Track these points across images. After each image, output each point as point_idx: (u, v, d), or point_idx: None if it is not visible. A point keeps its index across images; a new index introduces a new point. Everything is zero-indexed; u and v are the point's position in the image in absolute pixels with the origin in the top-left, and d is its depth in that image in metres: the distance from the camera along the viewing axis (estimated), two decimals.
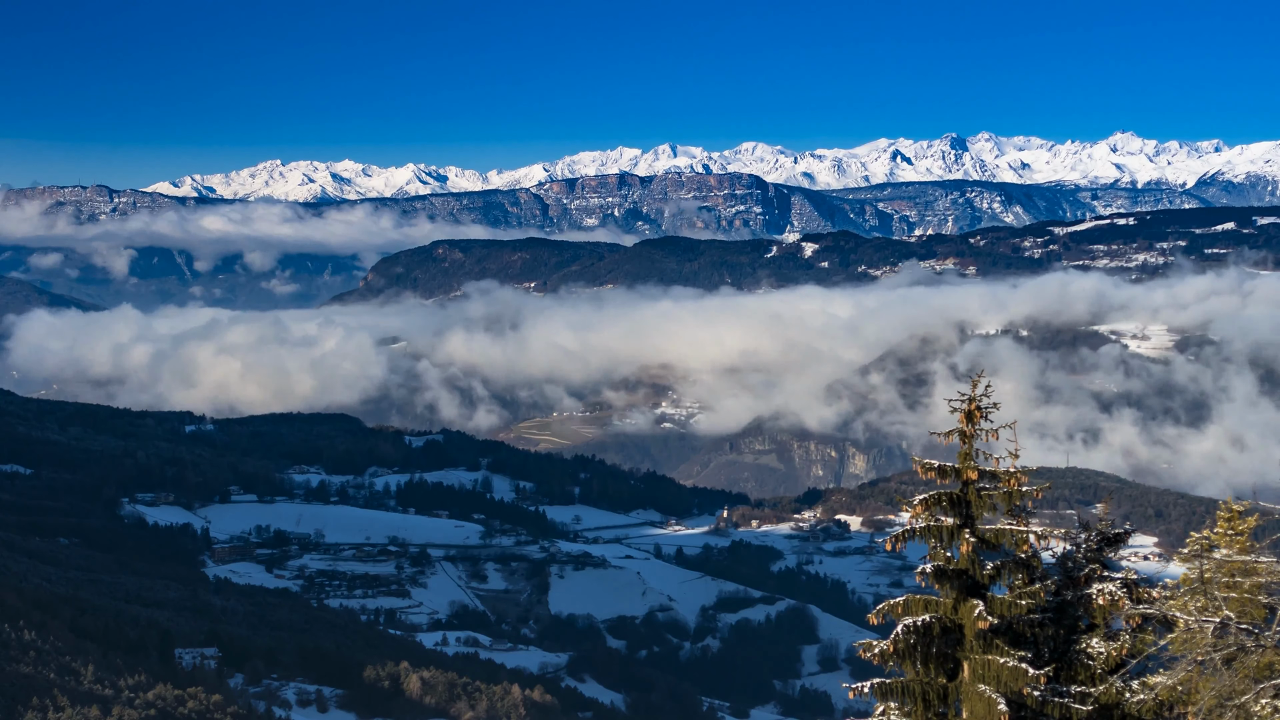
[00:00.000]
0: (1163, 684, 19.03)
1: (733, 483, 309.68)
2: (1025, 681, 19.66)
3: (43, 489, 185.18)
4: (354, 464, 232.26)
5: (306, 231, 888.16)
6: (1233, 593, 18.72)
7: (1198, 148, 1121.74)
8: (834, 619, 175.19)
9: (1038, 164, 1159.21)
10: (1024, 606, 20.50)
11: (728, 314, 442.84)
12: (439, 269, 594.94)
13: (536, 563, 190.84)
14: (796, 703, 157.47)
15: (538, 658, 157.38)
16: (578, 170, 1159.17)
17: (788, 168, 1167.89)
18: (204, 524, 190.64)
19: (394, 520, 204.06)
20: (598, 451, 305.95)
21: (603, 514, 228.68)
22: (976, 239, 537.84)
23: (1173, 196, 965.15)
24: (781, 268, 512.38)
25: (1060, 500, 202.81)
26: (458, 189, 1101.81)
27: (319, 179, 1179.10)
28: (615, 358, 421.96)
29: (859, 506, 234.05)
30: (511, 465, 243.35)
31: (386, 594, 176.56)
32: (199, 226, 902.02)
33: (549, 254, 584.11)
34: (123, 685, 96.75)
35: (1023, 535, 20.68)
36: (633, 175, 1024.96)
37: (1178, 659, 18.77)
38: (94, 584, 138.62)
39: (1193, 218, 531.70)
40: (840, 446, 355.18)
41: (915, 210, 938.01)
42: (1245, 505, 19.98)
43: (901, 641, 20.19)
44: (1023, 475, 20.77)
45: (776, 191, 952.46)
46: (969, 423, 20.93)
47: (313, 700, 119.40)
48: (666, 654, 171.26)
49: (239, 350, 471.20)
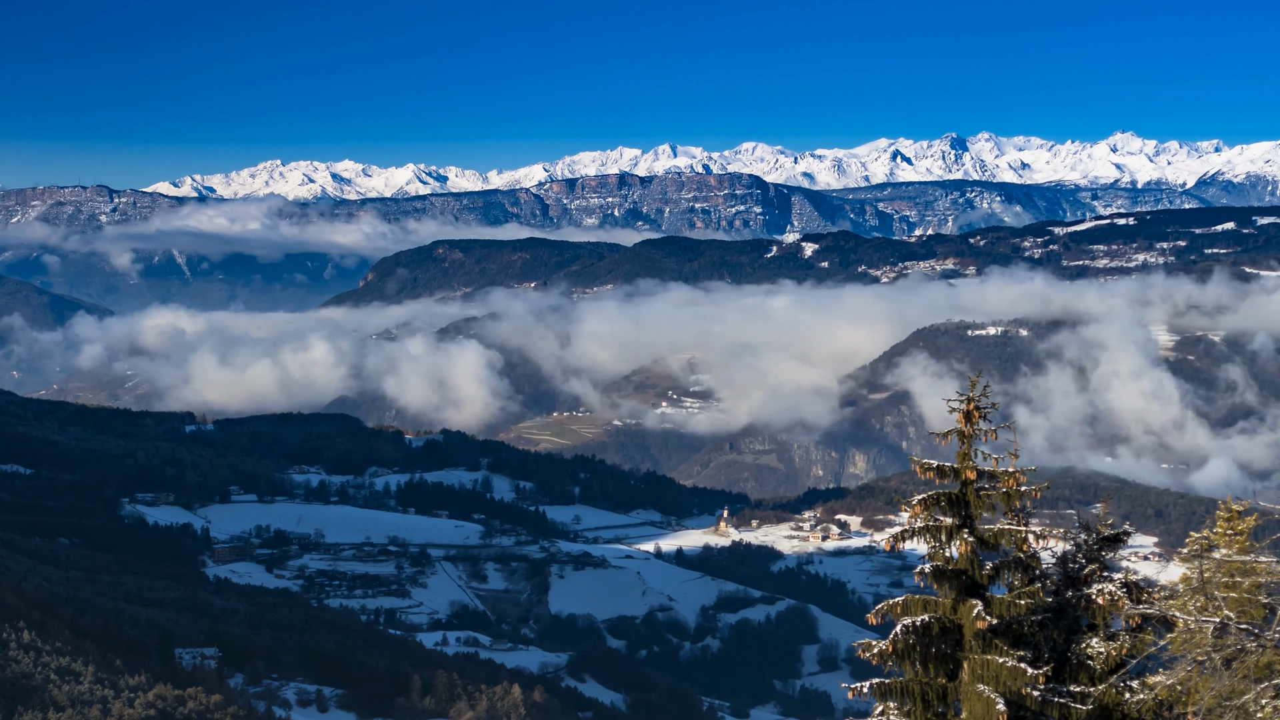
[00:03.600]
0: (1162, 684, 19.00)
1: (733, 483, 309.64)
2: (1024, 681, 19.64)
3: (43, 489, 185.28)
4: (354, 464, 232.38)
5: (307, 232, 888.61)
6: (1232, 593, 18.70)
7: (1198, 148, 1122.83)
8: (834, 619, 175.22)
9: (1038, 164, 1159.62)
10: (1023, 606, 20.48)
11: (728, 314, 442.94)
12: (439, 269, 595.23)
13: (536, 563, 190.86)
14: (796, 703, 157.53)
15: (538, 658, 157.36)
16: (578, 170, 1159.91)
17: (788, 168, 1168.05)
18: (204, 524, 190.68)
19: (394, 520, 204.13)
20: (598, 451, 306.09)
21: (603, 514, 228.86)
22: (976, 239, 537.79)
23: (1173, 196, 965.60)
24: (781, 268, 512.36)
25: (1060, 500, 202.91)
26: (458, 189, 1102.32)
27: (319, 179, 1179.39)
28: (615, 357, 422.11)
29: (859, 506, 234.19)
30: (511, 465, 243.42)
31: (386, 594, 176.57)
32: (199, 227, 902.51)
33: (549, 254, 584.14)
34: (123, 685, 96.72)
35: (1021, 535, 20.67)
36: (633, 175, 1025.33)
37: (1177, 659, 18.75)
38: (94, 584, 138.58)
39: (1193, 218, 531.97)
40: (840, 446, 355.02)
41: (915, 210, 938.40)
42: (1244, 505, 19.96)
43: (900, 641, 20.18)
44: (1021, 475, 20.76)
45: (776, 191, 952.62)
46: (967, 423, 20.92)
47: (313, 700, 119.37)
48: (666, 654, 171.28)
49: (241, 351, 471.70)
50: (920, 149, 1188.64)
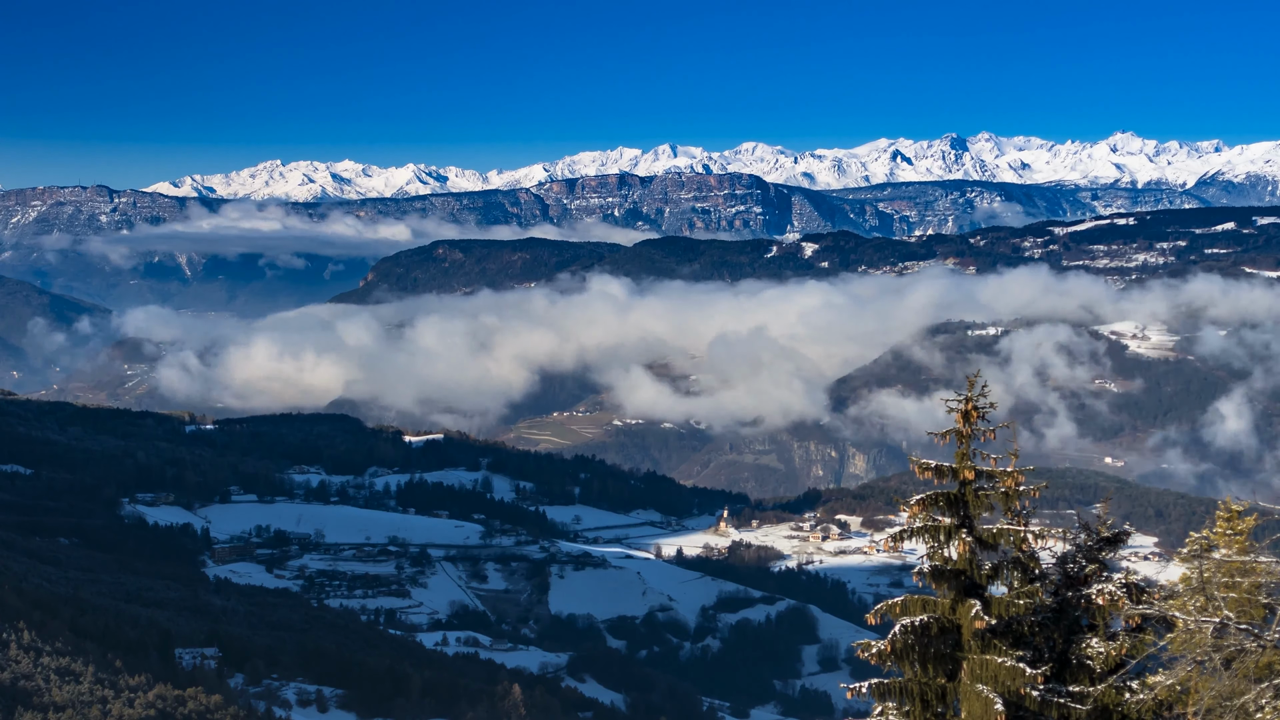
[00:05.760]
0: (1162, 684, 19.00)
1: (733, 483, 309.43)
2: (1023, 681, 19.62)
3: (43, 489, 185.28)
4: (354, 464, 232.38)
5: (306, 232, 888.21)
6: (1232, 593, 18.68)
7: (1198, 148, 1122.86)
8: (834, 619, 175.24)
9: (1038, 164, 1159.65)
10: (1022, 606, 20.47)
11: (728, 314, 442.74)
12: (439, 269, 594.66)
13: (536, 563, 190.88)
14: (796, 703, 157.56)
15: (538, 658, 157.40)
16: (578, 170, 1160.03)
17: (788, 168, 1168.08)
18: (204, 524, 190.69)
19: (394, 520, 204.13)
20: (598, 451, 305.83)
21: (603, 514, 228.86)
22: (976, 239, 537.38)
23: (1173, 196, 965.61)
24: (781, 268, 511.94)
25: (1060, 500, 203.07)
26: (458, 189, 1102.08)
27: (319, 179, 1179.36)
28: (616, 357, 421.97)
29: (859, 506, 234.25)
30: (511, 465, 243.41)
31: (386, 594, 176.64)
32: (199, 227, 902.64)
33: (549, 254, 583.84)
34: (123, 685, 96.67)
35: (1020, 535, 20.65)
36: (633, 175, 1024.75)
37: (1177, 659, 18.73)
38: (94, 584, 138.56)
39: (1193, 218, 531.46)
40: (840, 446, 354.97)
41: (915, 210, 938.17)
42: (1244, 505, 19.95)
43: (899, 641, 20.17)
44: (1020, 475, 20.75)
45: (776, 191, 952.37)
46: (966, 423, 20.91)
47: (313, 700, 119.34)
48: (666, 654, 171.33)
49: (240, 351, 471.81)
50: (920, 149, 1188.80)
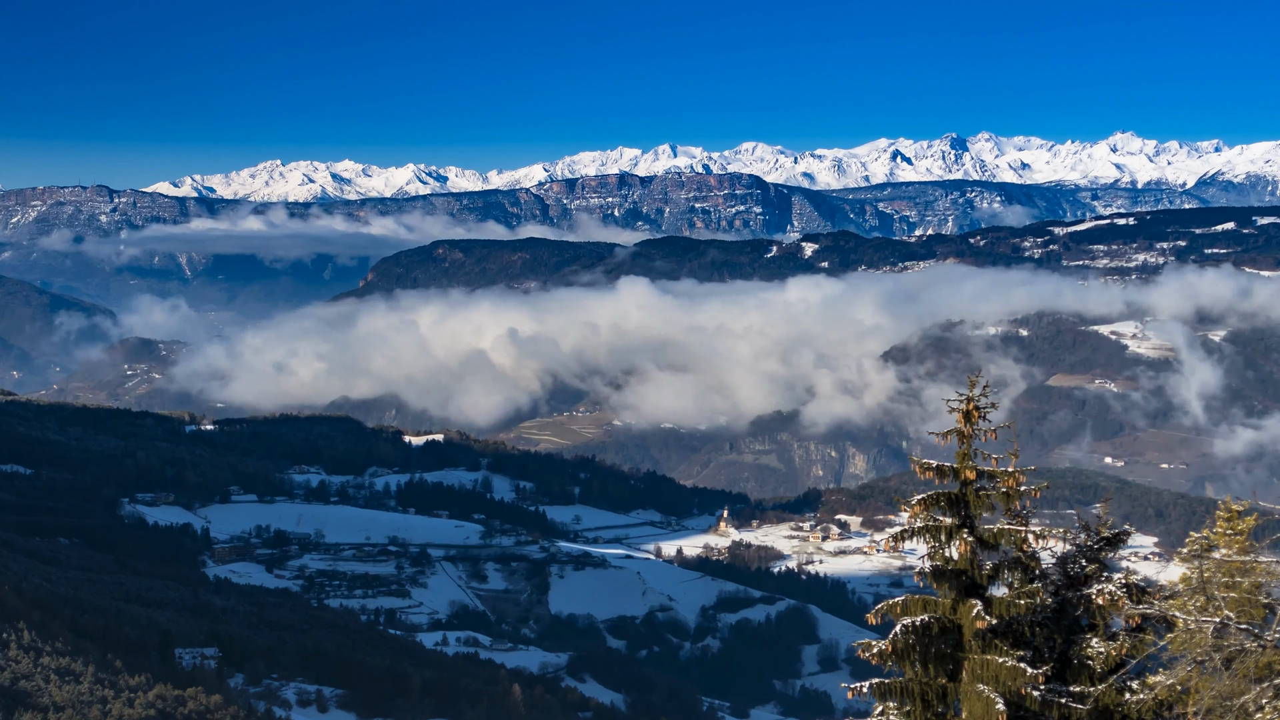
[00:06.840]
0: (1162, 684, 19.00)
1: (733, 483, 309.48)
2: (1024, 681, 19.63)
3: (43, 489, 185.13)
4: (354, 464, 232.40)
5: (306, 232, 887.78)
6: (1232, 593, 18.68)
7: (1198, 148, 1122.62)
8: (834, 619, 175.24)
9: (1038, 164, 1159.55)
10: (1023, 606, 20.47)
11: (727, 313, 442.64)
12: (439, 269, 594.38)
13: (536, 563, 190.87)
14: (796, 703, 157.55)
15: (538, 658, 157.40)
16: (578, 170, 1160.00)
17: (788, 168, 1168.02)
18: (204, 524, 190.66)
19: (394, 520, 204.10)
20: (598, 451, 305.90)
21: (603, 514, 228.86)
22: (976, 239, 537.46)
23: (1173, 196, 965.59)
24: (781, 268, 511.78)
25: (1060, 500, 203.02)
26: (458, 189, 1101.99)
27: (319, 179, 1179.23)
28: (616, 357, 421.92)
29: (859, 506, 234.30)
30: (511, 465, 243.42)
31: (386, 594, 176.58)
32: (199, 227, 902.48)
33: (549, 254, 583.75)
34: (122, 685, 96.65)
35: (1021, 535, 20.66)
36: (633, 175, 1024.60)
37: (1177, 659, 18.74)
38: (94, 584, 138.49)
39: (1193, 218, 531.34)
40: (840, 446, 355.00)
41: (915, 210, 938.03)
42: (1244, 505, 19.95)
43: (900, 641, 20.17)
44: (1020, 475, 20.75)
45: (776, 191, 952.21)
46: (967, 423, 20.92)
47: (313, 700, 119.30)
48: (666, 654, 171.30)
49: (240, 351, 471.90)
50: (920, 149, 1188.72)
